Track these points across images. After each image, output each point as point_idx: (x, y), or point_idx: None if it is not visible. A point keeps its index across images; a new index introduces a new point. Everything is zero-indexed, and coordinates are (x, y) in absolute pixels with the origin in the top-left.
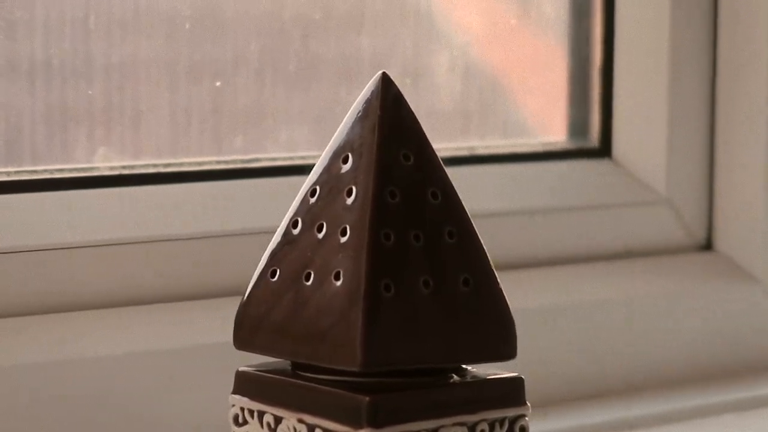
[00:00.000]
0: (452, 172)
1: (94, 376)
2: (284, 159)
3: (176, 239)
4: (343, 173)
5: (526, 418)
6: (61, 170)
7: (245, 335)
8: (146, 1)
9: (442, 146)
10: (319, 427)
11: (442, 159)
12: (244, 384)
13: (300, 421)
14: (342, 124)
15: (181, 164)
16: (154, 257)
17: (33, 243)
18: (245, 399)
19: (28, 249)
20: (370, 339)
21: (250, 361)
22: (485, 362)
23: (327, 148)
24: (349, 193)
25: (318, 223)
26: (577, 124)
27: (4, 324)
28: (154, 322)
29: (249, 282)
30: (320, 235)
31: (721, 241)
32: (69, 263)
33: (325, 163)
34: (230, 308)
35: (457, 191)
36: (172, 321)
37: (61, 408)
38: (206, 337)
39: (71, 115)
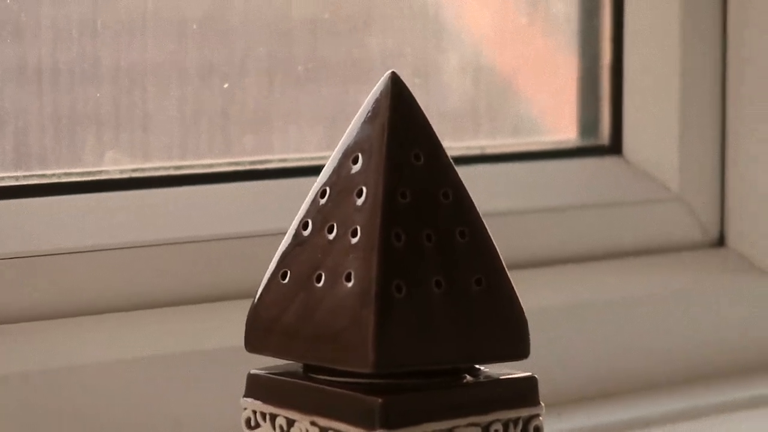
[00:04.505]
0: (463, 172)
1: (105, 381)
2: (294, 160)
3: (186, 242)
4: (353, 174)
5: (540, 418)
6: (70, 174)
7: (257, 338)
8: (154, 3)
9: (453, 145)
10: (332, 429)
11: (453, 158)
12: (256, 387)
13: (313, 423)
14: (351, 124)
15: (191, 167)
16: (165, 260)
17: (42, 247)
18: (257, 402)
19: (38, 254)
20: (382, 340)
21: (262, 363)
22: (498, 362)
23: (337, 148)
24: (360, 194)
25: (328, 225)
26: (588, 122)
27: (14, 329)
28: (165, 326)
29: (260, 284)
30: (331, 237)
31: (733, 237)
32: (79, 267)
33: (335, 164)
34: (241, 311)
35: (468, 191)
36: (183, 324)
37: (72, 413)
38: (217, 340)
39: (80, 119)
